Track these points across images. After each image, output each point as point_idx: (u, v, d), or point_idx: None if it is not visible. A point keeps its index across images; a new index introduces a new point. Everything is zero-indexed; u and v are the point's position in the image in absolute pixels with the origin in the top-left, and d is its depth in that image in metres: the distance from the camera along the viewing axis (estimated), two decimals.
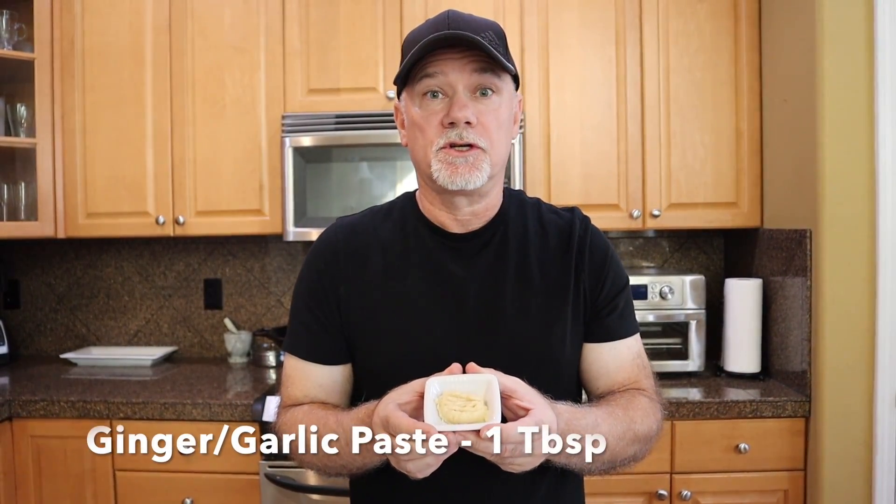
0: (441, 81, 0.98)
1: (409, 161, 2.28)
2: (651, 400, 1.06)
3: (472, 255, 1.05)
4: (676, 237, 2.65)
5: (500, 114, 1.00)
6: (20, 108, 2.47)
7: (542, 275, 1.05)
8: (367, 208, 1.16)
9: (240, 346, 2.62)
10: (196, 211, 2.39)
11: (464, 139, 0.97)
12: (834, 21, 1.89)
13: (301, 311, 1.09)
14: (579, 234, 1.08)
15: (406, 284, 1.05)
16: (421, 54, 0.96)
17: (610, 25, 2.31)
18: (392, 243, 1.07)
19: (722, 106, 2.30)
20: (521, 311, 1.03)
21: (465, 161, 0.97)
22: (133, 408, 2.04)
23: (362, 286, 1.06)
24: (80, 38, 2.39)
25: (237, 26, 2.37)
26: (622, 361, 1.09)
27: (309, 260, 1.11)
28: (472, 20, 1.00)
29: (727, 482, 1.99)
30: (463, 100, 0.97)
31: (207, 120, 2.37)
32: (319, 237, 1.12)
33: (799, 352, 2.02)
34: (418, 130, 1.01)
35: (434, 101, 0.99)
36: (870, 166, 1.88)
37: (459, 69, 0.97)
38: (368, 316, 1.05)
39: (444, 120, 0.98)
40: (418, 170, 1.06)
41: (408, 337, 1.03)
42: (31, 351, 2.80)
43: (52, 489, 2.07)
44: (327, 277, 1.07)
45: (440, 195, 1.04)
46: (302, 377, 1.08)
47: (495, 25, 1.02)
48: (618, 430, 0.96)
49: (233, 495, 2.02)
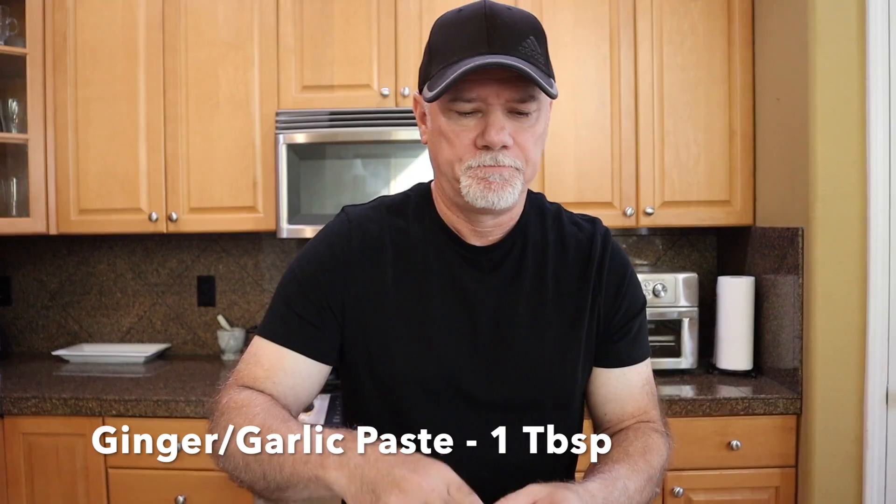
0: (476, 100, 0.89)
1: (403, 158, 2.29)
2: (662, 435, 1.04)
3: (489, 269, 1.00)
4: (669, 235, 2.66)
5: (536, 130, 0.93)
6: (12, 104, 2.45)
7: (557, 295, 1.02)
8: (377, 199, 1.08)
9: (233, 343, 2.61)
10: (189, 208, 2.38)
11: (499, 163, 0.90)
12: (826, 21, 1.90)
13: (294, 299, 1.00)
14: (599, 253, 1.04)
15: (422, 295, 0.99)
16: (460, 78, 0.86)
17: (604, 24, 2.31)
18: (407, 247, 1.01)
19: (715, 104, 2.31)
20: (534, 334, 1.00)
21: (499, 177, 0.90)
22: (126, 405, 2.03)
23: (375, 292, 0.99)
24: (72, 34, 2.38)
25: (231, 22, 2.36)
26: (632, 389, 1.06)
27: (315, 249, 1.03)
28: (511, 22, 0.90)
29: (719, 479, 2.00)
30: (500, 122, 0.89)
31: (201, 116, 2.36)
32: (331, 228, 1.04)
33: (791, 349, 2.03)
34: (446, 142, 0.93)
35: (467, 117, 0.91)
36: (861, 165, 1.89)
37: (497, 88, 0.88)
38: (380, 325, 0.99)
39: (478, 141, 0.90)
40: (441, 177, 0.98)
41: (420, 352, 0.98)
42: (22, 348, 2.78)
43: (43, 487, 2.06)
44: (337, 275, 0.99)
45: (463, 209, 0.98)
46: (273, 359, 0.98)
47: (535, 25, 0.92)
48: (641, 484, 0.94)
49: (226, 493, 2.02)
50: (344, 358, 1.02)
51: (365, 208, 1.06)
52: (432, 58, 0.93)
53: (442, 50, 0.92)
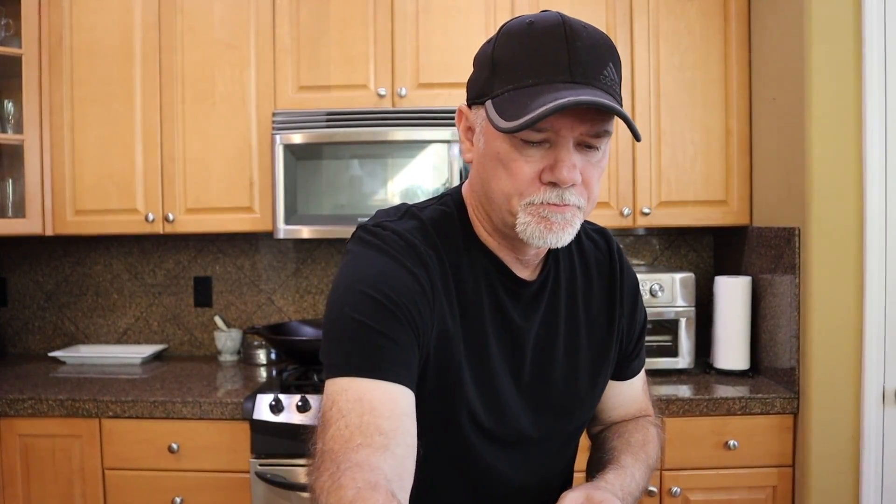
0: (548, 131, 0.80)
1: (400, 158, 2.29)
2: (656, 427, 1.10)
3: (530, 302, 0.96)
4: (666, 235, 2.66)
5: (602, 164, 0.86)
6: (7, 105, 2.45)
7: (588, 324, 1.01)
8: (410, 213, 0.94)
9: (230, 343, 2.61)
10: (186, 208, 2.37)
11: (564, 201, 0.83)
12: (823, 20, 1.91)
13: (386, 324, 0.82)
14: (619, 271, 1.03)
15: (481, 331, 0.92)
16: (552, 113, 0.76)
17: (600, 23, 2.31)
18: (463, 278, 0.91)
19: (712, 104, 2.31)
20: (571, 365, 0.99)
21: (562, 218, 0.83)
22: (122, 406, 2.03)
23: (446, 324, 0.89)
24: (68, 34, 2.37)
25: (227, 23, 2.35)
26: (637, 394, 1.13)
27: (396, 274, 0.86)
28: (593, 46, 0.81)
29: (716, 479, 2.01)
30: (572, 158, 0.81)
31: (197, 117, 2.36)
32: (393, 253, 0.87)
33: (787, 349, 2.04)
34: (504, 171, 0.83)
35: (533, 147, 0.82)
36: (858, 165, 1.89)
37: (573, 122, 0.80)
38: (455, 361, 0.89)
39: (545, 176, 0.82)
40: (491, 205, 0.88)
41: (486, 392, 0.92)
42: (18, 349, 2.77)
43: (40, 488, 2.05)
44: (424, 308, 0.86)
45: (509, 239, 0.90)
46: (391, 402, 0.79)
47: (612, 47, 0.84)
48: (644, 472, 1.00)
49: (223, 494, 2.02)
50: None
51: (411, 229, 0.91)
52: (497, 73, 0.83)
53: (513, 68, 0.82)
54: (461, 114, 0.91)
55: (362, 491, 0.70)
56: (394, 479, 0.74)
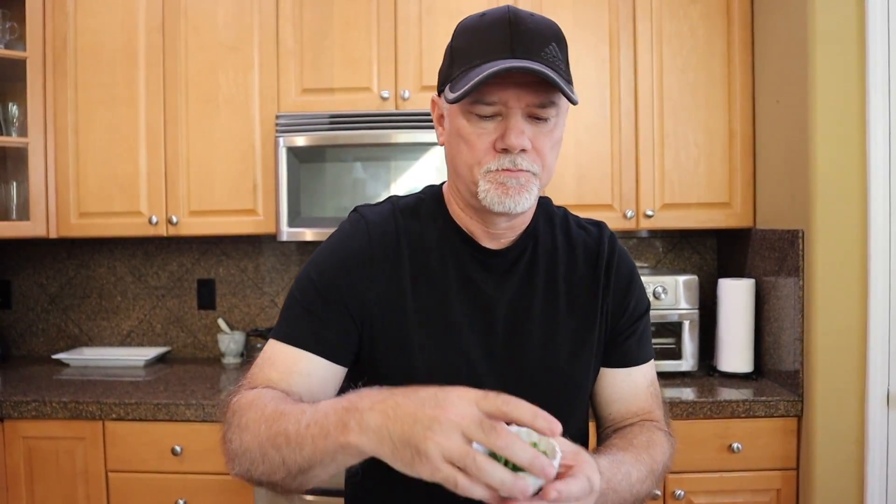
0: (497, 103, 0.90)
1: (403, 161, 2.29)
2: (666, 434, 1.05)
3: (503, 272, 1.02)
4: (670, 237, 2.66)
5: (554, 135, 0.94)
6: (12, 108, 2.46)
7: (569, 297, 1.03)
8: (388, 200, 1.08)
9: (233, 346, 2.61)
10: (189, 211, 2.38)
11: (517, 166, 0.91)
12: (826, 22, 1.90)
13: (311, 300, 0.98)
14: (607, 256, 1.06)
15: (440, 298, 1.00)
16: (483, 81, 0.87)
17: (603, 26, 2.32)
18: (423, 249, 1.02)
19: (715, 106, 2.31)
20: (548, 335, 1.01)
21: (516, 182, 0.92)
22: (126, 408, 2.03)
23: (394, 293, 0.99)
24: (72, 37, 2.38)
25: (231, 25, 2.36)
26: (637, 389, 1.08)
27: (333, 251, 1.01)
28: (535, 29, 0.91)
29: (720, 482, 2.00)
30: (520, 125, 0.90)
31: (201, 119, 2.36)
32: (346, 230, 1.03)
33: (791, 351, 2.03)
34: (465, 145, 0.94)
35: (486, 120, 0.92)
36: (861, 167, 1.89)
37: (518, 92, 0.89)
38: (399, 327, 0.99)
39: (498, 144, 0.91)
40: (458, 179, 0.98)
41: (438, 354, 0.98)
42: (22, 351, 2.78)
43: (43, 491, 2.06)
44: (356, 278, 0.99)
45: (478, 211, 0.98)
46: (287, 361, 0.96)
47: (557, 32, 0.93)
48: (643, 475, 0.95)
49: (226, 496, 2.02)
50: (359, 360, 1.01)
51: (379, 210, 1.06)
52: (454, 60, 0.95)
53: (464, 53, 0.93)
54: (434, 103, 1.03)
55: (243, 394, 0.91)
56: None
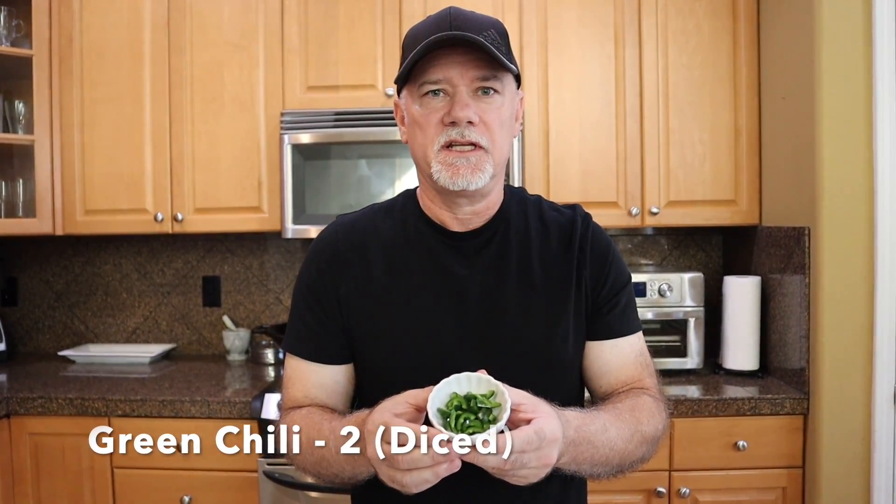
0: (442, 81, 0.97)
1: (408, 158, 2.29)
2: (655, 399, 1.05)
3: (473, 253, 1.05)
4: (675, 235, 2.65)
5: (502, 112, 0.99)
6: (18, 105, 2.46)
7: (544, 273, 1.05)
8: (368, 206, 1.15)
9: (238, 343, 2.61)
10: (195, 208, 2.38)
11: (465, 137, 0.96)
12: (832, 19, 1.90)
13: (301, 310, 1.08)
14: (581, 232, 1.07)
15: (408, 283, 1.04)
16: (422, 54, 0.94)
17: (609, 23, 2.31)
18: (393, 242, 1.07)
19: (720, 103, 2.30)
20: (523, 310, 1.03)
21: (466, 162, 0.96)
22: (131, 405, 2.04)
23: (363, 285, 1.05)
24: (78, 35, 2.39)
25: (236, 23, 2.36)
26: (625, 359, 1.08)
27: (309, 258, 1.10)
28: (473, 18, 0.99)
29: (726, 479, 2.00)
30: (465, 99, 0.96)
31: (206, 117, 2.37)
32: (319, 235, 1.11)
33: (797, 349, 2.03)
34: (418, 128, 0.99)
35: (435, 99, 0.98)
36: (868, 164, 1.88)
37: (461, 69, 0.96)
38: (370, 315, 1.04)
39: (446, 118, 0.97)
40: (418, 168, 1.05)
41: (410, 337, 1.02)
42: (28, 348, 2.79)
43: (49, 486, 2.06)
44: (328, 276, 1.06)
45: (441, 194, 1.03)
46: (302, 377, 1.06)
47: (497, 23, 1.01)
48: (626, 433, 0.95)
49: (231, 493, 2.02)
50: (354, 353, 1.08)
51: (354, 214, 1.13)
52: (403, 56, 1.02)
53: (410, 46, 0.99)
54: (396, 106, 1.07)
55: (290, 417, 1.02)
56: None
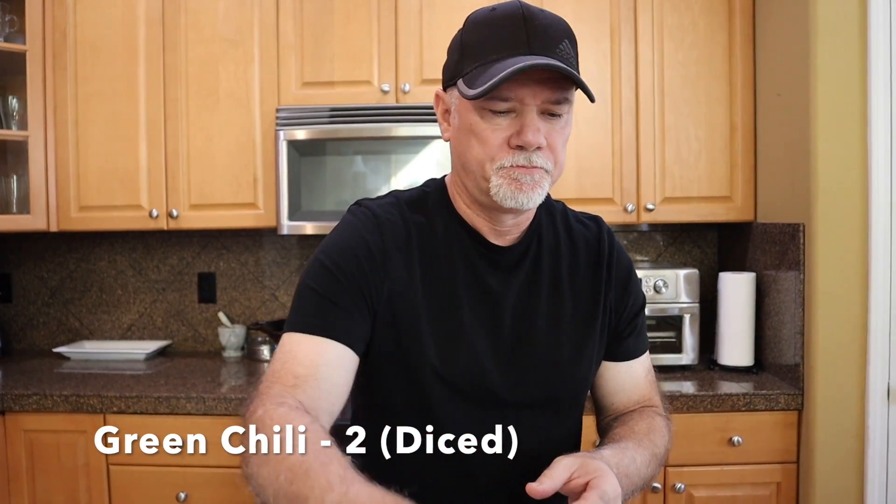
0: (512, 99, 0.90)
1: (403, 155, 2.29)
2: (665, 419, 1.08)
3: (509, 268, 1.02)
4: (670, 231, 2.66)
5: (566, 131, 0.95)
6: (12, 101, 2.45)
7: (573, 293, 1.05)
8: (391, 195, 1.06)
9: (234, 339, 2.61)
10: (190, 204, 2.38)
11: (532, 163, 0.91)
12: (828, 15, 1.90)
13: (328, 289, 0.95)
14: (607, 251, 1.07)
15: (449, 292, 0.99)
16: (506, 78, 0.86)
17: (605, 19, 2.31)
18: (431, 243, 1.01)
19: (716, 100, 2.30)
20: (553, 332, 1.02)
21: (530, 179, 0.92)
22: (126, 402, 2.03)
23: (406, 286, 0.98)
24: (72, 31, 2.37)
25: (231, 19, 2.35)
26: (637, 380, 1.11)
27: (347, 242, 0.98)
28: (548, 24, 0.91)
29: (720, 475, 2.00)
30: (536, 123, 0.90)
31: (201, 113, 2.36)
32: (356, 222, 1.00)
33: (792, 345, 2.03)
34: (476, 140, 0.93)
35: (500, 116, 0.91)
36: (863, 160, 1.89)
37: (535, 88, 0.89)
38: (413, 319, 0.97)
39: (513, 140, 0.91)
40: (467, 175, 0.97)
41: (452, 351, 0.98)
42: (23, 345, 2.78)
43: (45, 483, 2.06)
44: (373, 267, 0.97)
45: (485, 207, 0.98)
46: (314, 353, 0.91)
47: (568, 29, 0.93)
48: (647, 458, 0.97)
49: (227, 490, 2.02)
50: (369, 350, 0.99)
51: (384, 203, 1.03)
52: (465, 55, 0.93)
53: (478, 48, 0.91)
54: (438, 98, 1.01)
55: (269, 409, 0.83)
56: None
